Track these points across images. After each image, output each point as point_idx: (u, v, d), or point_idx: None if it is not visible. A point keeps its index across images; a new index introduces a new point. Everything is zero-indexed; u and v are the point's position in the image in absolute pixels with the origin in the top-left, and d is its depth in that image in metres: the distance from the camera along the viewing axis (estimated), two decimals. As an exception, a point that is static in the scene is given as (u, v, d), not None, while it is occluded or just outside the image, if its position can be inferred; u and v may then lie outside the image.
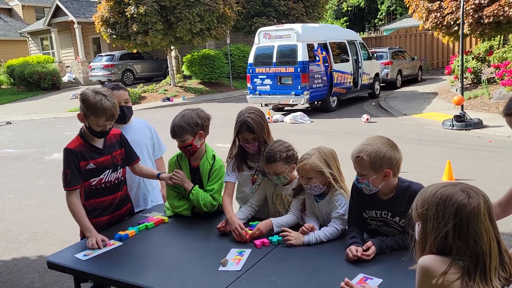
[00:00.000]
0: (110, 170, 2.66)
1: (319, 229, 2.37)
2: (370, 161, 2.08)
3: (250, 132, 2.63)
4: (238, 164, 2.75)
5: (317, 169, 2.32)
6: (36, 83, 22.28)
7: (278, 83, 12.36)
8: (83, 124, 2.58)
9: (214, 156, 2.83)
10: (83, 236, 2.64)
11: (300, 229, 2.35)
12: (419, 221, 1.44)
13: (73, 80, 24.37)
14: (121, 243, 2.44)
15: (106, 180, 2.65)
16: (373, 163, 2.07)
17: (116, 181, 2.71)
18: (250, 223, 2.58)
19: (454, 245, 1.35)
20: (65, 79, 24.03)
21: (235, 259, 2.16)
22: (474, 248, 1.34)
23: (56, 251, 2.56)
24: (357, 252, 2.06)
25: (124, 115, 3.03)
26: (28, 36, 28.77)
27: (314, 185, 2.36)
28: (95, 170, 2.60)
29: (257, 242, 2.31)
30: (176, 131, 2.65)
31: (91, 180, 2.60)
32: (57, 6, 23.52)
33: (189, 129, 2.64)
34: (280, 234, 2.35)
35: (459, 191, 1.38)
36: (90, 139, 2.60)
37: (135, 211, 2.99)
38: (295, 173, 2.56)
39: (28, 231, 5.05)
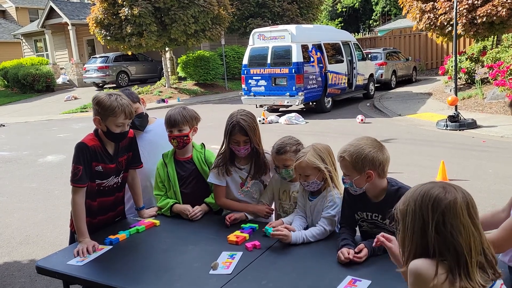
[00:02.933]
0: (114, 176, 2.66)
1: (302, 229, 2.39)
2: (351, 162, 2.09)
3: (243, 134, 2.63)
4: (227, 168, 2.74)
5: (314, 166, 2.34)
6: (30, 85, 22.17)
7: (273, 84, 12.36)
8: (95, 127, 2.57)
9: (202, 145, 2.98)
10: (73, 229, 2.62)
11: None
12: (400, 218, 1.46)
13: (67, 82, 24.28)
14: (110, 247, 2.41)
15: (107, 184, 2.65)
16: (354, 163, 2.09)
17: (115, 186, 2.71)
18: (242, 225, 2.56)
19: (433, 240, 1.36)
20: (59, 81, 23.94)
21: (226, 262, 2.14)
22: (453, 243, 1.34)
23: (48, 255, 2.52)
24: (348, 254, 2.05)
25: (135, 126, 2.98)
26: (22, 38, 28.64)
27: (312, 181, 2.38)
28: (101, 173, 2.58)
29: (248, 244, 2.30)
30: (179, 120, 2.73)
31: (94, 182, 2.59)
32: (51, 7, 23.44)
33: (190, 121, 2.78)
34: (272, 234, 2.31)
35: (436, 187, 1.41)
36: (105, 142, 2.58)
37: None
38: None
39: (20, 235, 5.01)
